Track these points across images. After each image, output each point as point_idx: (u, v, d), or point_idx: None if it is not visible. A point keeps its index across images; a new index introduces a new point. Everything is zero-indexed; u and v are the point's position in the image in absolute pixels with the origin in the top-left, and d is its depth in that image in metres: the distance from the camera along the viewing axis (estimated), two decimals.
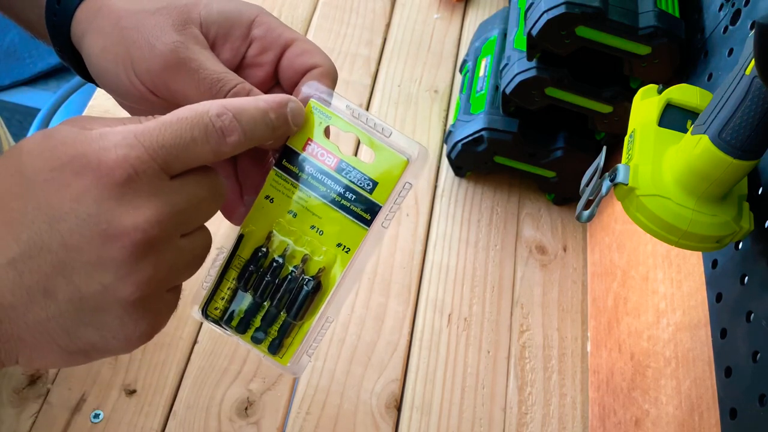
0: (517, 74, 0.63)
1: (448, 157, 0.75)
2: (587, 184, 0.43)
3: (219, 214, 0.40)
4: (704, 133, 0.38)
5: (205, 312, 0.40)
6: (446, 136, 0.76)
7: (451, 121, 0.81)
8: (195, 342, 0.62)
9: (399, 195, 0.38)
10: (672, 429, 0.49)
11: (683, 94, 0.45)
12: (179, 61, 0.36)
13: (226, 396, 0.59)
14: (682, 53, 0.57)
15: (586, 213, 0.42)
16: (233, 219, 0.40)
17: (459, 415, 0.62)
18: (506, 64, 0.65)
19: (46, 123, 1.18)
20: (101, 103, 0.76)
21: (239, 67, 0.40)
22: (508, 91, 0.65)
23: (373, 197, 0.37)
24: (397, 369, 0.63)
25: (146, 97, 0.37)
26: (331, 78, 0.39)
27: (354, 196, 0.37)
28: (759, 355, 0.39)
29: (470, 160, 0.73)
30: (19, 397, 0.56)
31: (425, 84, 0.84)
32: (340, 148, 0.38)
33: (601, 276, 0.68)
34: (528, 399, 0.63)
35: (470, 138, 0.70)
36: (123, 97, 0.39)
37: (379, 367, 0.63)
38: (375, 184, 0.37)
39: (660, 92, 0.46)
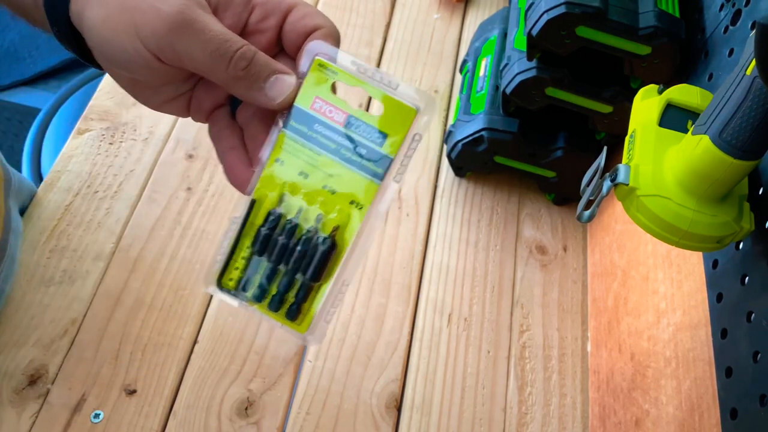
0: (517, 74, 0.63)
1: (449, 157, 0.75)
2: (588, 185, 0.43)
3: (232, 188, 0.40)
4: (705, 134, 0.38)
5: (219, 284, 0.39)
6: (446, 136, 0.76)
7: (451, 121, 0.81)
8: (195, 342, 0.62)
9: (409, 147, 0.37)
10: (672, 429, 0.49)
11: (684, 94, 0.45)
12: (185, 22, 0.36)
13: (226, 396, 0.59)
14: (682, 53, 0.57)
15: (587, 213, 0.42)
16: (244, 189, 0.40)
17: (459, 415, 0.62)
18: (506, 64, 0.65)
19: (46, 123, 1.18)
20: (101, 103, 0.76)
21: (241, 34, 0.40)
22: (508, 91, 0.65)
23: (383, 150, 0.37)
24: (397, 369, 0.63)
25: (150, 64, 0.37)
26: (333, 38, 0.40)
27: (365, 151, 0.37)
28: (759, 355, 0.39)
29: (470, 160, 0.73)
30: (19, 397, 0.56)
31: (425, 84, 0.84)
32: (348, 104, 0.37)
33: (601, 276, 0.68)
34: (528, 399, 0.63)
35: (470, 138, 0.70)
36: (125, 69, 0.39)
37: (379, 367, 0.63)
38: (385, 136, 0.37)
39: (660, 92, 0.46)
